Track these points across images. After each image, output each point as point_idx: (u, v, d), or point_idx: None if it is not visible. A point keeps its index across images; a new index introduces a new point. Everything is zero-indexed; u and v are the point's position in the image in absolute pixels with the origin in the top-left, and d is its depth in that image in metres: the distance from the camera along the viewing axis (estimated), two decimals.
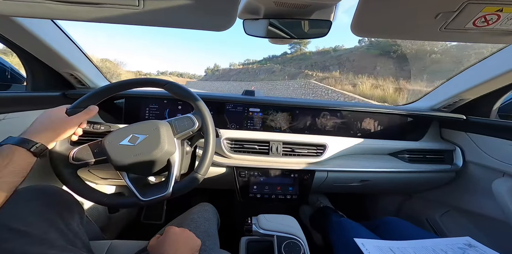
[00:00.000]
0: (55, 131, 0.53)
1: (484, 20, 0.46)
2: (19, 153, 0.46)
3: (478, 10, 0.43)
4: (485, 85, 0.95)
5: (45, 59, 0.87)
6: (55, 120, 0.55)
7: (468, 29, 0.47)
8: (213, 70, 57.81)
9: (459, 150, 1.09)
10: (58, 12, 0.41)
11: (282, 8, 0.62)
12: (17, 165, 0.45)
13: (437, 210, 1.19)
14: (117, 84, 0.67)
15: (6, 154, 0.45)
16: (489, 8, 0.43)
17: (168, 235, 0.54)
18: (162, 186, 0.61)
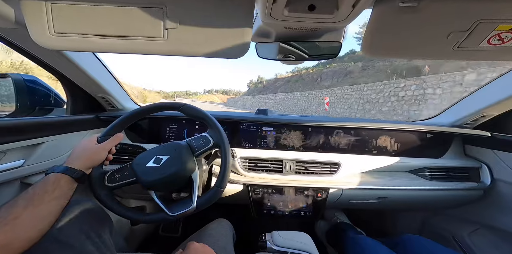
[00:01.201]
0: (90, 158, 0.61)
1: (498, 38, 0.46)
2: (64, 180, 0.53)
3: (491, 29, 0.44)
4: (509, 100, 0.90)
5: (83, 84, 0.98)
6: (88, 149, 0.63)
7: (483, 47, 0.48)
8: (256, 83, 55.12)
9: (486, 168, 1.03)
10: (97, 45, 0.49)
11: (293, 31, 0.64)
12: (63, 190, 0.52)
13: (465, 228, 1.12)
14: (137, 111, 0.75)
15: (53, 182, 0.52)
16: (503, 26, 0.44)
17: (190, 250, 0.58)
18: (187, 201, 0.66)
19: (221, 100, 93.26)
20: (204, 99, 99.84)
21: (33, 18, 0.45)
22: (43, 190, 0.49)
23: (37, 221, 0.46)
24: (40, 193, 0.49)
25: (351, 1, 0.42)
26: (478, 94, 1.02)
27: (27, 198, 0.47)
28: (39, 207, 0.47)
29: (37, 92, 0.98)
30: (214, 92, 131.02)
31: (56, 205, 0.50)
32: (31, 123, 0.77)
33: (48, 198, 0.49)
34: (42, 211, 0.47)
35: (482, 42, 0.46)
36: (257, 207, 0.99)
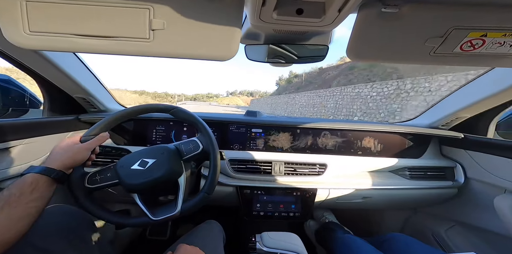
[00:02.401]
0: (71, 158, 0.58)
1: (470, 45, 0.49)
2: (43, 181, 0.51)
3: (463, 35, 0.47)
4: (481, 103, 0.97)
5: (61, 84, 0.93)
6: (71, 148, 0.60)
7: (456, 53, 0.50)
8: (289, 79, 39.85)
9: (460, 167, 1.10)
10: (78, 45, 0.46)
11: (281, 34, 0.65)
12: (41, 191, 0.50)
13: (442, 225, 1.19)
14: (126, 111, 0.72)
15: (30, 183, 0.49)
16: (474, 33, 0.47)
17: (180, 253, 0.57)
18: (171, 205, 0.65)
19: (245, 102, 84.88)
20: (226, 102, 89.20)
21: (5, 16, 0.42)
22: (20, 191, 0.47)
23: (13, 223, 0.44)
24: (17, 194, 0.46)
25: (337, 6, 0.43)
26: (453, 96, 1.09)
27: (2, 199, 0.45)
28: (15, 209, 0.45)
29: (11, 92, 0.92)
30: (238, 94, 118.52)
31: (34, 207, 0.47)
32: (4, 125, 0.72)
33: (26, 200, 0.46)
34: (18, 213, 0.45)
35: (455, 48, 0.49)
36: (247, 208, 0.99)
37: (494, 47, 0.48)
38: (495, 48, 0.48)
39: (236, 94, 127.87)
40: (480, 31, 0.46)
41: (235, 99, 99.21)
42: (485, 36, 0.47)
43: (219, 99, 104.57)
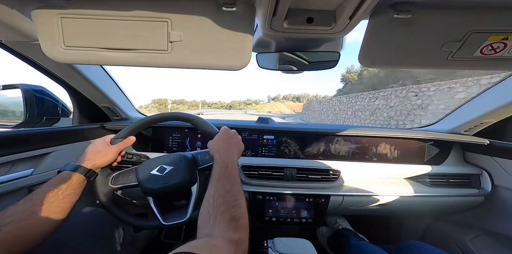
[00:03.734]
0: (101, 158, 0.64)
1: (491, 48, 0.48)
2: (76, 178, 0.57)
3: (483, 39, 0.46)
4: (506, 108, 0.92)
5: (89, 94, 1.01)
6: (101, 149, 0.66)
7: (477, 57, 0.49)
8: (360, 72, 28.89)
9: (486, 174, 1.04)
10: (105, 58, 0.51)
11: (292, 42, 0.66)
12: (74, 188, 0.55)
13: (467, 234, 1.12)
14: (151, 118, 0.77)
15: (66, 179, 0.55)
16: (494, 37, 0.46)
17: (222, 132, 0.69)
18: (182, 211, 0.68)
19: (291, 109, 74.07)
20: (267, 109, 76.06)
21: (45, 33, 0.47)
22: (57, 187, 0.52)
23: (50, 216, 0.49)
24: (55, 190, 0.52)
25: (348, 13, 0.43)
26: (476, 101, 1.03)
27: (42, 194, 0.50)
28: (53, 204, 0.50)
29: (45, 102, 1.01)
30: (281, 99, 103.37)
31: (68, 202, 0.53)
32: (40, 134, 0.80)
33: (62, 195, 0.52)
34: (55, 208, 0.50)
35: (475, 52, 0.48)
36: (259, 214, 1.00)
37: None
38: None
39: (279, 99, 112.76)
40: (500, 35, 0.45)
41: (278, 105, 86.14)
42: (506, 40, 0.46)
43: (259, 106, 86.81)
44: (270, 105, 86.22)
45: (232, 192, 0.48)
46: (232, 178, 0.53)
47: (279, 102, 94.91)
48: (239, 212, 0.44)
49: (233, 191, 0.49)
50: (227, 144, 0.65)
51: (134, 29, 0.47)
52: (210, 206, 0.45)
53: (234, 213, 0.44)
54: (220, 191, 0.48)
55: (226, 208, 0.44)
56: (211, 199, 0.46)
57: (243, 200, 0.48)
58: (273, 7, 0.43)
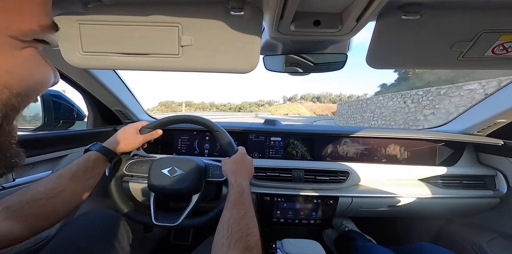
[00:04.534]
0: (127, 145, 0.68)
1: (503, 48, 0.48)
2: (102, 160, 0.59)
3: (494, 39, 0.46)
4: None
5: (103, 99, 1.05)
6: (130, 137, 0.69)
7: (488, 57, 0.49)
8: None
9: (501, 176, 1.01)
10: (120, 63, 0.52)
11: (299, 44, 0.66)
12: (99, 168, 0.58)
13: (483, 236, 1.08)
14: (184, 118, 0.80)
15: (93, 160, 0.57)
16: (506, 36, 0.45)
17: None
18: (175, 216, 0.70)
19: (311, 110, 65.47)
20: (283, 111, 64.90)
21: (65, 39, 0.49)
22: (85, 166, 0.54)
23: (76, 196, 0.51)
24: (82, 169, 0.54)
25: (355, 15, 0.43)
26: (489, 101, 1.01)
27: (71, 173, 0.52)
28: (79, 183, 0.51)
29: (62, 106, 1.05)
30: (299, 100, 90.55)
31: (92, 182, 0.55)
32: (57, 137, 0.83)
33: (88, 175, 0.54)
34: (80, 188, 0.52)
35: (486, 52, 0.48)
36: (267, 215, 1.00)
37: None
38: None
39: (296, 100, 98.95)
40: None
41: (296, 106, 73.45)
42: None
43: (273, 107, 74.40)
44: (286, 107, 73.30)
45: (246, 219, 0.49)
46: (247, 204, 0.53)
47: (296, 102, 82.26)
48: (253, 241, 0.45)
49: (247, 218, 0.49)
50: (242, 167, 0.66)
51: (147, 34, 0.49)
52: (224, 232, 0.45)
53: (248, 243, 0.44)
54: (235, 218, 0.49)
55: (240, 236, 0.45)
56: (225, 226, 0.47)
57: (257, 229, 0.49)
58: (281, 10, 0.44)
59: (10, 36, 0.21)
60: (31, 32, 0.23)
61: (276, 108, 68.34)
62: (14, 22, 0.21)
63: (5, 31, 0.21)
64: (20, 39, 0.22)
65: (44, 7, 0.23)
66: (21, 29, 0.22)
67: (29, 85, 0.23)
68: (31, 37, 0.23)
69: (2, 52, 0.21)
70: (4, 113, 0.22)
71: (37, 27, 0.23)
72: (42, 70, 0.26)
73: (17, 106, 0.23)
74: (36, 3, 0.22)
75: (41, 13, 0.23)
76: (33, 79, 0.24)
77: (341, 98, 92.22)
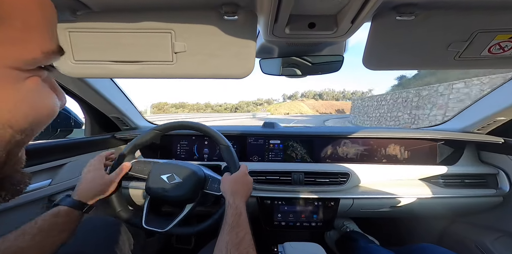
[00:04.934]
0: (100, 191, 0.62)
1: (499, 47, 0.47)
2: (74, 215, 0.54)
3: (490, 39, 0.46)
4: None
5: (100, 106, 1.04)
6: (98, 181, 0.63)
7: (485, 56, 0.49)
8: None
9: (503, 174, 1.00)
10: (114, 71, 0.51)
11: (295, 47, 0.66)
12: (70, 223, 0.53)
13: (487, 235, 1.07)
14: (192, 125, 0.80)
15: (63, 215, 0.52)
16: (502, 36, 0.45)
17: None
18: (166, 221, 0.70)
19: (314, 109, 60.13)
20: (284, 110, 59.14)
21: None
22: (53, 222, 0.49)
23: (41, 252, 0.46)
24: (50, 225, 0.49)
25: (349, 17, 0.43)
26: (488, 99, 1.01)
27: (36, 228, 0.47)
28: (46, 239, 0.47)
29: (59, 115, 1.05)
30: (299, 98, 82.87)
31: (61, 238, 0.50)
32: (56, 146, 0.83)
33: (56, 231, 0.49)
34: (48, 243, 0.47)
35: (483, 52, 0.47)
36: (268, 219, 0.99)
37: None
38: None
39: (297, 98, 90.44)
40: (508, 33, 0.45)
41: (297, 105, 65.52)
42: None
43: (272, 106, 67.18)
44: (287, 105, 65.49)
45: (245, 243, 0.49)
46: (245, 227, 0.53)
47: (297, 101, 73.48)
48: None
49: (246, 241, 0.49)
50: (241, 188, 0.65)
51: (140, 41, 0.48)
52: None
53: None
54: (233, 241, 0.48)
55: None
56: (224, 249, 0.46)
57: (255, 252, 0.49)
58: (275, 14, 0.43)
59: (10, 67, 0.20)
60: (33, 61, 0.21)
61: (276, 107, 63.25)
62: (15, 51, 0.19)
63: (5, 62, 0.19)
64: (22, 69, 0.20)
65: (49, 32, 0.21)
66: (23, 59, 0.20)
67: (33, 120, 0.22)
68: (35, 66, 0.21)
69: (2, 87, 0.19)
70: (9, 150, 0.21)
71: (40, 54, 0.21)
72: (46, 101, 0.24)
73: (23, 141, 0.22)
74: (40, 29, 0.20)
75: (45, 39, 0.21)
76: (38, 113, 0.23)
77: (344, 94, 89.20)
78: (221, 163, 1.00)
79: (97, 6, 0.44)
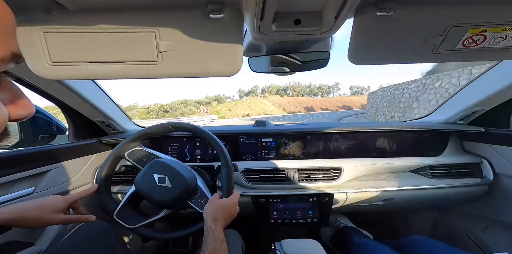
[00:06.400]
0: (25, 220, 0.53)
1: (472, 41, 0.50)
2: None
3: (463, 33, 0.48)
4: (496, 95, 0.93)
5: (82, 110, 1.00)
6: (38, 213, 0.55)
7: (459, 50, 0.51)
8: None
9: (487, 163, 1.04)
10: (94, 72, 0.49)
11: (283, 44, 0.67)
12: None
13: (477, 224, 1.11)
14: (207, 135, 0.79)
15: None
16: (473, 30, 0.47)
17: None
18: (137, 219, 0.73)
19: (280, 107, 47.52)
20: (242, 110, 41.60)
21: (29, 49, 0.45)
22: None
23: None
24: None
25: (333, 13, 0.44)
26: (467, 90, 1.05)
27: None
28: None
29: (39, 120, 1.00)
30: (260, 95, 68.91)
31: None
32: (36, 153, 0.79)
33: None
34: None
35: (457, 45, 0.49)
36: (264, 217, 0.99)
37: (497, 41, 0.48)
38: (498, 42, 0.48)
39: (257, 94, 72.87)
40: (478, 28, 0.47)
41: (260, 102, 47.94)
42: (485, 32, 0.47)
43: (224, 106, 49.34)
44: (245, 103, 47.15)
45: None
46: (227, 252, 0.54)
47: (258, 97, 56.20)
48: None
49: None
50: (225, 215, 0.64)
51: (122, 41, 0.47)
52: None
53: None
54: None
55: None
56: None
57: None
58: (260, 11, 0.43)
59: None
60: None
61: (229, 107, 44.82)
62: None
63: None
64: None
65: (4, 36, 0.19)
66: None
67: None
68: None
69: None
70: None
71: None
72: None
73: None
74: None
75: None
76: None
77: (311, 89, 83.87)
78: (214, 164, 0.99)
79: (73, 5, 0.42)
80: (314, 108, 59.51)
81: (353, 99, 76.38)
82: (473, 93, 1.01)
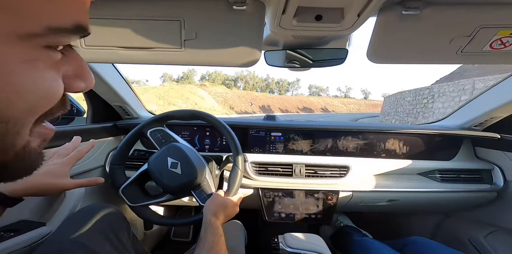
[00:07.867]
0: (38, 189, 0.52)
1: (500, 43, 0.49)
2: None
3: (492, 34, 0.47)
4: None
5: (103, 94, 1.04)
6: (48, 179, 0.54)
7: (486, 52, 0.50)
8: None
9: (498, 169, 1.03)
10: (122, 56, 0.53)
11: (300, 40, 0.67)
12: None
13: (480, 230, 1.10)
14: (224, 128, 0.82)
15: None
16: (503, 31, 0.46)
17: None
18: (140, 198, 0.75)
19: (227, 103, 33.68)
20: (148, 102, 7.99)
21: None
22: None
23: None
24: None
25: (356, 10, 0.44)
26: (485, 96, 1.02)
27: None
28: None
29: None
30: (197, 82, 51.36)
31: None
32: (60, 132, 0.83)
33: None
34: None
35: (484, 47, 0.49)
36: (268, 210, 1.01)
37: None
38: None
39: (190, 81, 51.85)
40: (509, 29, 0.46)
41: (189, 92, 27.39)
42: None
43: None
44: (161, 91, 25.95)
45: None
46: (224, 248, 0.55)
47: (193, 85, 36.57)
48: None
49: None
50: (225, 213, 0.65)
51: (150, 29, 0.49)
52: None
53: None
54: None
55: None
56: None
57: None
58: (283, 5, 0.44)
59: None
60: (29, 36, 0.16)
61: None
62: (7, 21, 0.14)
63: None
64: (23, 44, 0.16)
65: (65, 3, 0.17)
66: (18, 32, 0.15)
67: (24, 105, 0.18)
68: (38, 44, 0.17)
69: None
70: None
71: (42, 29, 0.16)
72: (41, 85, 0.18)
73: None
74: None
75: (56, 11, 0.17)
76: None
77: (268, 83, 67.67)
78: (222, 154, 1.02)
79: None
80: (272, 108, 44.10)
81: (313, 101, 63.49)
82: (492, 98, 0.99)
